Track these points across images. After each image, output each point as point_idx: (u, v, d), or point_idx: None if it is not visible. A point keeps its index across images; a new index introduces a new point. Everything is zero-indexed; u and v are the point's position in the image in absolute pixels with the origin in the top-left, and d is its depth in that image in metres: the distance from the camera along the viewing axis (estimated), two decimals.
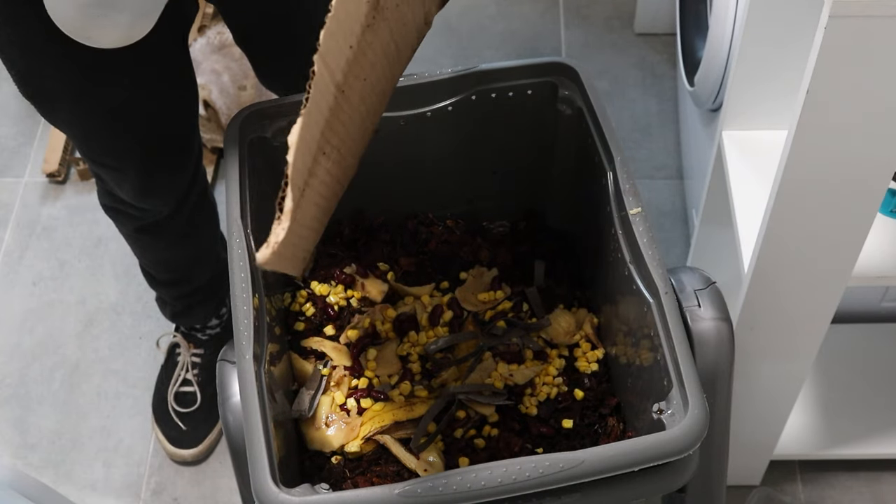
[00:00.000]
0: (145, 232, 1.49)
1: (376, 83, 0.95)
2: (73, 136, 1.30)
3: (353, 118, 0.92)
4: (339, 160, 0.93)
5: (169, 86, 1.29)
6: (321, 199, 0.92)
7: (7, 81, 2.24)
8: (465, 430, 1.14)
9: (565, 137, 1.23)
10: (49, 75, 1.17)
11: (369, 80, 0.92)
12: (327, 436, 1.13)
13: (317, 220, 0.94)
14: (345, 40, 0.85)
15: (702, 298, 1.07)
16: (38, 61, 1.14)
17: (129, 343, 1.87)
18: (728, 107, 1.40)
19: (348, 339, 1.22)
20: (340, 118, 0.89)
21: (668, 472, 0.97)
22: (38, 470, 1.73)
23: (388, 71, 0.97)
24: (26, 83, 1.20)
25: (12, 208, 2.06)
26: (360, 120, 0.95)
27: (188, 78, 1.32)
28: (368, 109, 0.96)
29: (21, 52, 1.14)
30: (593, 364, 1.20)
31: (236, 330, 1.01)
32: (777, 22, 1.28)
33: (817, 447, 1.60)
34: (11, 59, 1.17)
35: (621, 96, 2.16)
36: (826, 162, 1.08)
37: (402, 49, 0.99)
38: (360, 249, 1.31)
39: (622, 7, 2.31)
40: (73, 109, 1.23)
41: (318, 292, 1.27)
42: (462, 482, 0.89)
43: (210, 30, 2.05)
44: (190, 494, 1.70)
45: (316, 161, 0.88)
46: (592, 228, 1.20)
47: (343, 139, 0.92)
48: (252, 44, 1.33)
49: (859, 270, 1.22)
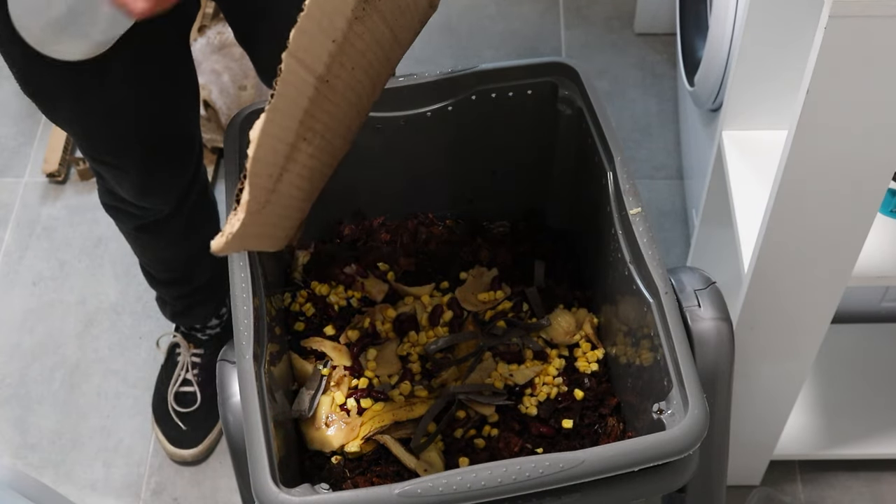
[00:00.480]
0: (145, 231, 1.49)
1: (368, 68, 0.96)
2: (73, 135, 1.30)
3: (340, 105, 0.95)
4: (323, 145, 0.96)
5: (170, 84, 1.29)
6: (304, 182, 0.96)
7: (7, 81, 2.24)
8: (465, 430, 1.14)
9: (565, 137, 1.23)
10: (50, 74, 1.17)
11: (359, 68, 0.94)
12: (327, 436, 1.13)
13: (301, 199, 0.98)
14: (325, 35, 0.87)
15: (702, 298, 1.07)
16: (38, 60, 1.15)
17: (129, 343, 1.87)
18: (728, 107, 1.40)
19: (348, 339, 1.22)
20: (324, 107, 0.92)
21: (668, 472, 0.97)
22: (38, 470, 1.73)
23: (382, 56, 0.98)
24: (27, 81, 1.20)
25: (12, 208, 2.06)
26: (347, 106, 0.97)
27: (190, 76, 1.32)
28: (360, 94, 0.98)
29: (22, 51, 1.14)
30: (593, 364, 1.20)
31: (236, 330, 1.01)
32: (777, 22, 1.28)
33: (817, 447, 1.60)
34: (13, 58, 1.17)
35: (621, 96, 2.16)
36: (826, 162, 1.08)
37: (400, 34, 1.00)
38: (360, 249, 1.31)
39: (622, 7, 2.31)
40: (74, 108, 1.23)
41: (318, 292, 1.27)
42: (462, 482, 0.89)
43: (210, 30, 2.05)
44: (190, 494, 1.70)
45: (295, 148, 0.91)
46: (592, 228, 1.20)
47: (328, 125, 0.95)
48: (253, 42, 1.33)
49: (859, 270, 1.22)
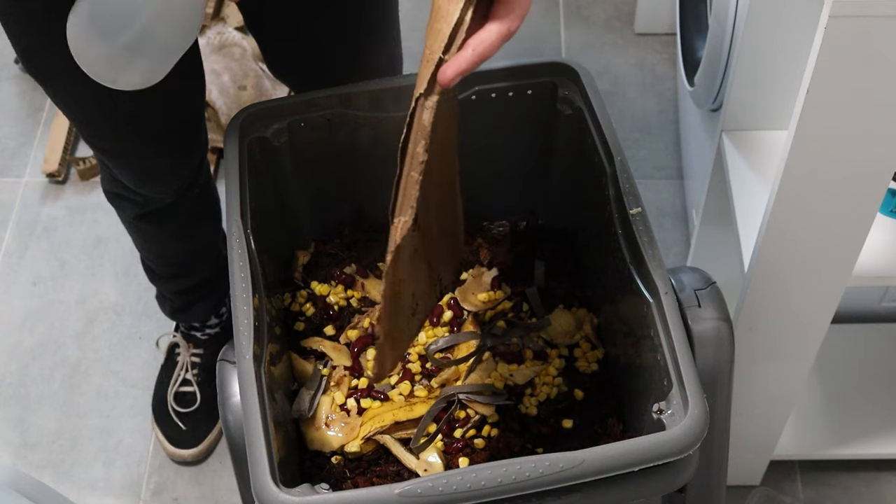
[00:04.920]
0: (146, 220, 1.48)
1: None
2: (74, 119, 1.30)
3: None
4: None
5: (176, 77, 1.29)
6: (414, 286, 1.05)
7: (7, 81, 2.25)
8: (465, 430, 1.14)
9: (565, 137, 1.23)
10: (53, 53, 1.17)
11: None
12: (327, 436, 1.13)
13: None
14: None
15: (702, 298, 1.07)
16: (42, 38, 1.15)
17: (129, 343, 1.87)
18: (728, 107, 1.40)
19: (348, 339, 1.22)
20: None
21: (668, 472, 0.97)
22: (38, 470, 1.73)
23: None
24: (30, 60, 1.20)
25: (12, 208, 2.06)
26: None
27: (195, 68, 1.32)
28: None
29: (26, 29, 1.15)
30: (593, 364, 1.20)
31: (236, 330, 1.01)
32: (777, 22, 1.28)
33: (817, 447, 1.60)
34: (16, 35, 1.17)
35: (621, 96, 2.16)
36: (826, 162, 1.08)
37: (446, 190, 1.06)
38: (359, 249, 1.31)
39: (622, 7, 2.31)
40: (75, 90, 1.23)
41: (318, 292, 1.27)
42: (462, 482, 0.89)
43: (210, 30, 2.05)
44: (190, 494, 1.70)
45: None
46: (592, 228, 1.20)
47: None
48: (264, 30, 1.32)
49: (859, 270, 1.22)
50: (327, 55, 1.29)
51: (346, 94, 1.18)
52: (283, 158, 1.21)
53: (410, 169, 0.93)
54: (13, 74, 2.25)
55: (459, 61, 0.88)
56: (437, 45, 0.88)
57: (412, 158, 0.93)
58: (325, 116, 1.19)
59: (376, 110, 1.19)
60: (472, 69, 0.89)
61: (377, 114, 1.20)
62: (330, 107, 1.19)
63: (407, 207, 0.94)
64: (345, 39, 1.28)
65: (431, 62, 0.89)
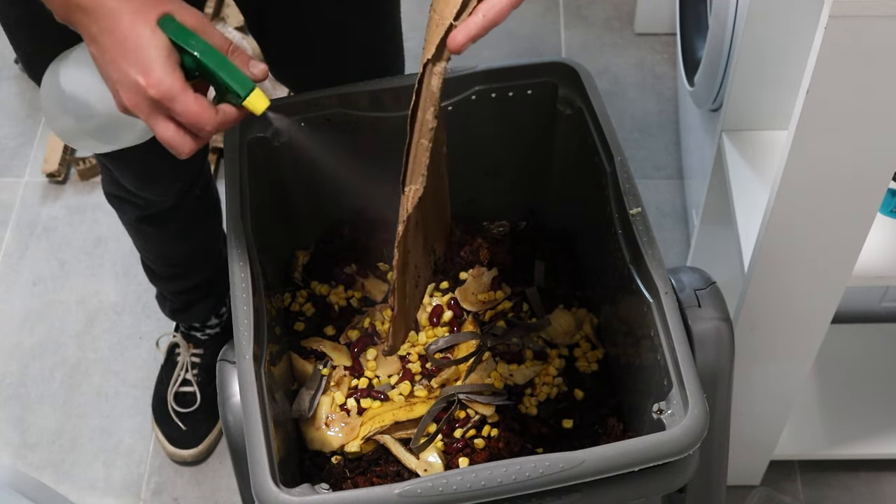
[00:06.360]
0: (147, 223, 1.49)
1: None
2: None
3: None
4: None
5: None
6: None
7: (7, 81, 2.25)
8: (465, 430, 1.14)
9: (565, 137, 1.23)
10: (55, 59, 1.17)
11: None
12: (327, 436, 1.13)
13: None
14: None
15: (702, 298, 1.07)
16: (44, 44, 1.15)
17: (129, 343, 1.87)
18: (728, 107, 1.40)
19: (348, 339, 1.22)
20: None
21: (668, 472, 0.97)
22: (38, 470, 1.73)
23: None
24: (32, 65, 1.20)
25: (12, 208, 2.06)
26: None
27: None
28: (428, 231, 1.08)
29: (28, 35, 1.14)
30: (593, 364, 1.20)
31: (236, 330, 1.01)
32: (777, 22, 1.28)
33: (817, 447, 1.60)
34: (18, 41, 1.17)
35: (621, 96, 2.16)
36: (826, 162, 1.08)
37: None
38: (359, 249, 1.31)
39: (622, 7, 2.31)
40: None
41: (318, 292, 1.27)
42: (462, 482, 0.89)
43: None
44: (190, 494, 1.70)
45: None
46: (592, 228, 1.20)
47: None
48: (265, 31, 1.32)
49: (859, 270, 1.22)
50: (327, 56, 1.29)
51: (346, 94, 1.18)
52: (283, 158, 1.21)
53: (420, 136, 0.92)
54: (13, 74, 2.25)
55: (470, 27, 0.88)
56: (447, 11, 0.87)
57: (421, 125, 0.92)
58: (325, 116, 1.19)
59: (376, 110, 1.19)
60: (483, 35, 0.88)
61: (377, 114, 1.20)
62: (330, 107, 1.19)
63: (418, 175, 0.93)
64: (345, 39, 1.28)
65: (441, 27, 0.87)
